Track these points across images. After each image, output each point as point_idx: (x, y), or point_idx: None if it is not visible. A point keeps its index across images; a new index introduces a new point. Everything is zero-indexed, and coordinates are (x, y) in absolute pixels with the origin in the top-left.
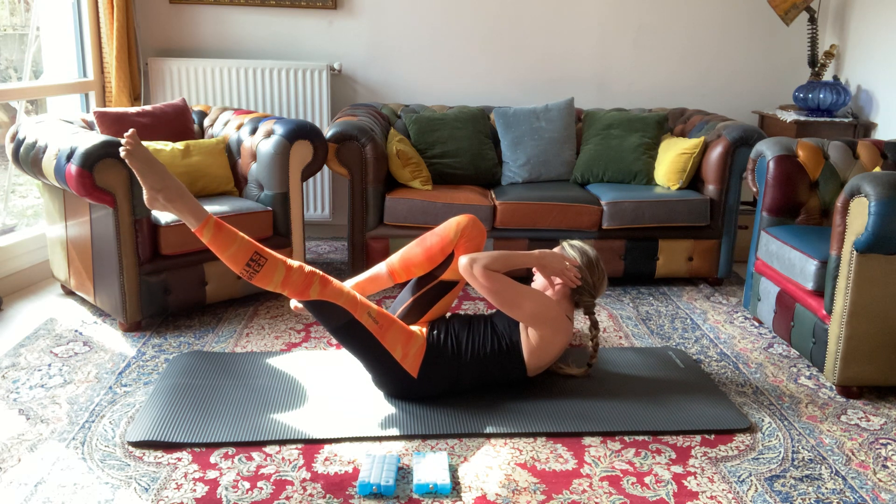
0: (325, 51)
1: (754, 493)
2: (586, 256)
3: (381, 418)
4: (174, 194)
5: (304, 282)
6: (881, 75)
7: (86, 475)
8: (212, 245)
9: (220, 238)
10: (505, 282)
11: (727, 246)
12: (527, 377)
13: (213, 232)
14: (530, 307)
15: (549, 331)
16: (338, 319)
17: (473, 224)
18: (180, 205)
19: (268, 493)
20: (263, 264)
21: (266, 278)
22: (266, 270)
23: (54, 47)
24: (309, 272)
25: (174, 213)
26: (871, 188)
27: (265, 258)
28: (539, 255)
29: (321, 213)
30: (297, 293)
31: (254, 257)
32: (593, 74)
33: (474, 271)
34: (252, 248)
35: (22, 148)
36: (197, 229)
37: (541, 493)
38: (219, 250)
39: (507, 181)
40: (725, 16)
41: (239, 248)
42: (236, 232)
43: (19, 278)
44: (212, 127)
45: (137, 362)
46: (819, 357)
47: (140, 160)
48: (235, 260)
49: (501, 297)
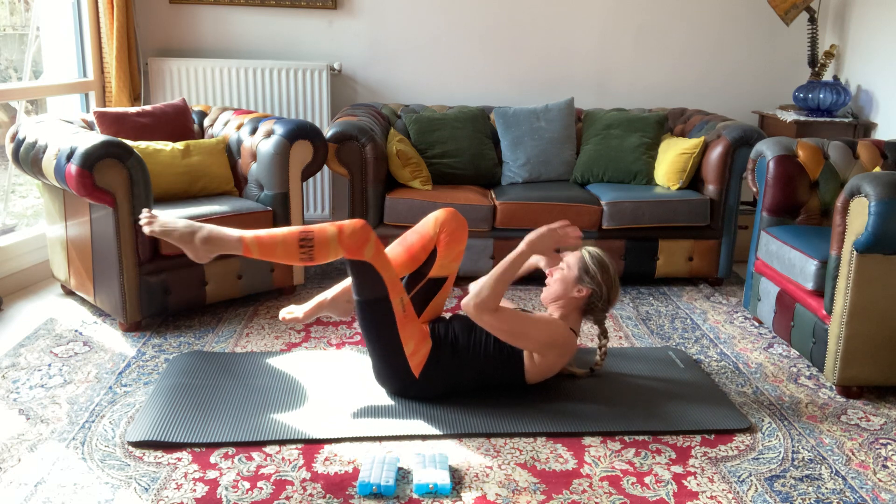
0: (325, 51)
1: (754, 493)
2: (602, 264)
3: (381, 418)
4: (206, 235)
5: (359, 238)
6: (881, 75)
7: (86, 475)
8: (263, 257)
9: (265, 247)
10: (512, 319)
11: (727, 246)
12: (526, 385)
13: (257, 246)
14: (539, 337)
15: (555, 355)
16: (373, 291)
17: (453, 217)
18: (217, 240)
19: (268, 493)
20: (313, 243)
21: (323, 252)
22: (319, 246)
23: (54, 47)
24: (362, 227)
25: (220, 251)
26: (871, 188)
27: (310, 236)
28: (527, 245)
29: (321, 213)
30: (351, 252)
31: (301, 244)
32: (593, 74)
33: (481, 315)
34: (295, 237)
35: (22, 148)
36: (243, 252)
37: (541, 493)
38: (271, 258)
39: (507, 181)
40: (725, 16)
41: (285, 246)
42: (273, 233)
43: (19, 278)
44: (212, 127)
45: (137, 362)
46: (819, 357)
47: (163, 228)
48: (289, 257)
49: (509, 335)
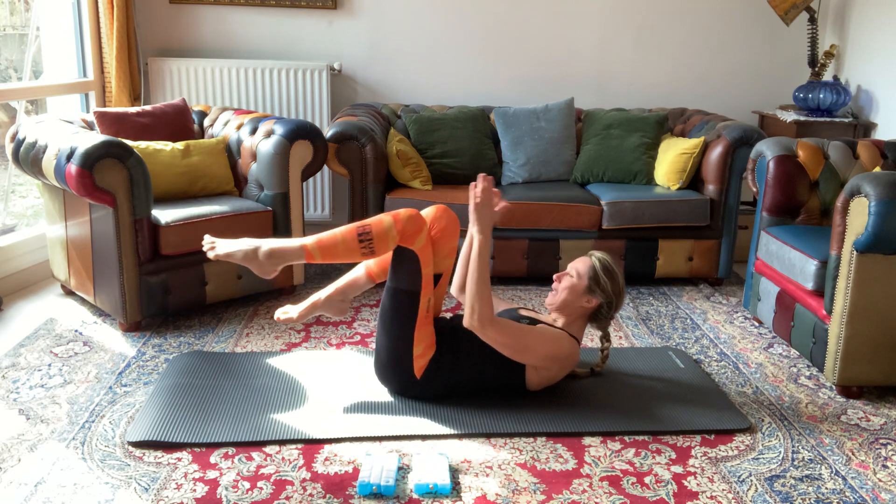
0: (325, 51)
1: (754, 493)
2: (611, 273)
3: (381, 418)
4: (268, 250)
5: (416, 224)
6: (881, 75)
7: (86, 475)
8: (326, 260)
9: (327, 250)
10: (515, 333)
11: (727, 246)
12: (527, 390)
13: (318, 250)
14: (543, 351)
15: (557, 368)
16: (407, 282)
17: (443, 213)
18: (279, 253)
19: (268, 493)
20: (371, 236)
21: (383, 243)
22: (378, 238)
23: (54, 47)
24: (417, 214)
25: (284, 263)
26: (871, 188)
27: (368, 230)
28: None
29: (321, 213)
30: (405, 239)
31: (361, 240)
32: (593, 74)
33: (485, 330)
34: (353, 234)
35: (22, 148)
36: (306, 259)
37: (541, 493)
38: (333, 259)
39: (507, 181)
40: (725, 16)
41: (345, 244)
42: (331, 234)
43: (19, 278)
44: (212, 127)
45: (137, 362)
46: (819, 357)
47: (226, 251)
48: (350, 254)
49: (513, 350)
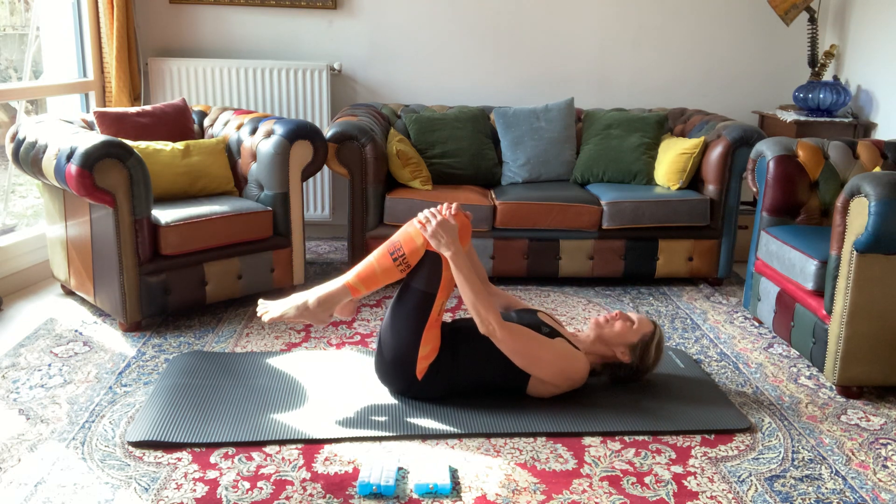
0: (325, 51)
1: (754, 493)
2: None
3: (381, 418)
4: (316, 300)
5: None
6: (881, 75)
7: (86, 475)
8: (371, 289)
9: (368, 280)
10: (526, 339)
11: (727, 246)
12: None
13: (361, 283)
14: (553, 367)
15: (566, 385)
16: (428, 284)
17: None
18: (327, 298)
19: (268, 493)
20: (404, 253)
21: (416, 256)
22: (411, 255)
23: (54, 47)
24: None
25: (335, 306)
26: (871, 188)
27: (399, 248)
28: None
29: (321, 213)
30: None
31: (395, 259)
32: (593, 74)
33: (494, 334)
34: (387, 259)
35: (22, 148)
36: (354, 295)
37: (541, 493)
38: (377, 285)
39: (507, 181)
40: (725, 16)
41: (383, 270)
42: (367, 264)
43: (19, 278)
44: (212, 127)
45: (137, 362)
46: (819, 357)
47: (280, 314)
48: (390, 276)
49: (523, 358)
